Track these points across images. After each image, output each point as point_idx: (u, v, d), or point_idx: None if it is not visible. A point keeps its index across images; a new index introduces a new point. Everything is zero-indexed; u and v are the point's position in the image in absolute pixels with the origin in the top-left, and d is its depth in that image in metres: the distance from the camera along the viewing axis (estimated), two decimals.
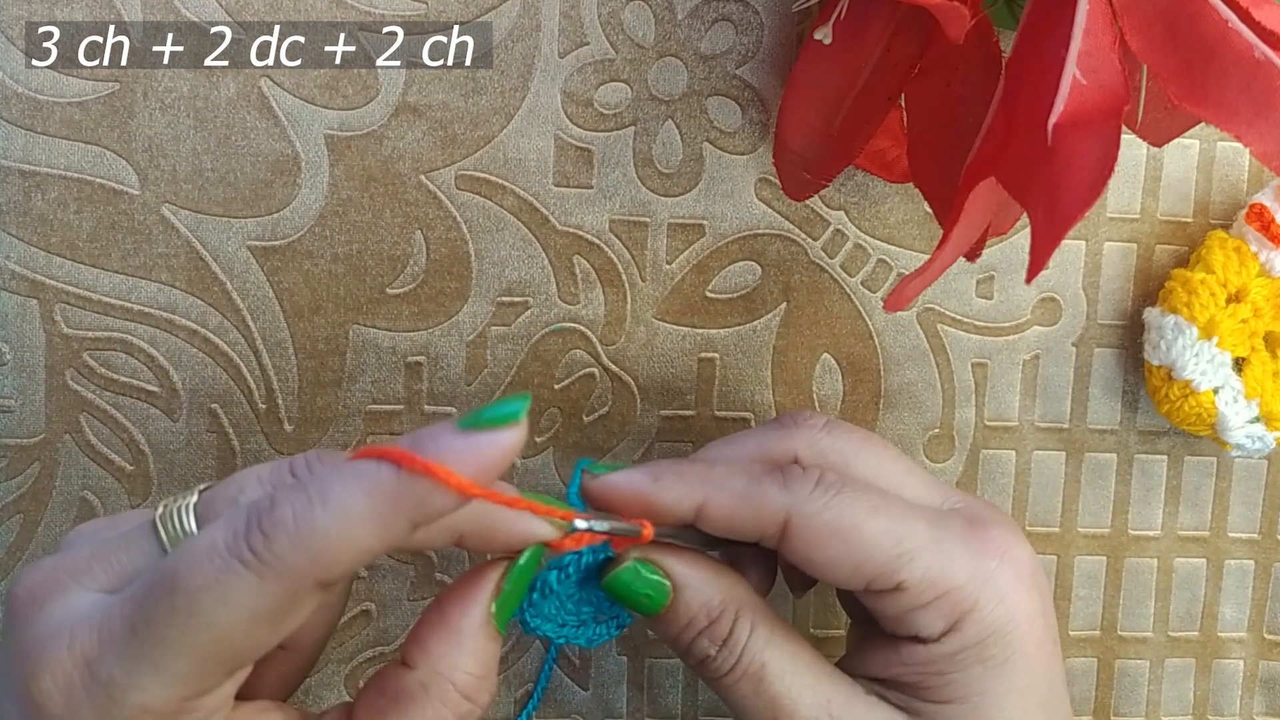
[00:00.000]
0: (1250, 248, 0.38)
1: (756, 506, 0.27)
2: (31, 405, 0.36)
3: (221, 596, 0.21)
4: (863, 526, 0.27)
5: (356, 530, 0.21)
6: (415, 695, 0.24)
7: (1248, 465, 0.41)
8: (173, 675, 0.21)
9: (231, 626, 0.21)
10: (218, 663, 0.22)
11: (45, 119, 0.35)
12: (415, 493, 0.21)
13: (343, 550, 0.21)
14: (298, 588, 0.21)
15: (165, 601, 0.21)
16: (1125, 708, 0.42)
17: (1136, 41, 0.24)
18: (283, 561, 0.21)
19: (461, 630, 0.25)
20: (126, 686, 0.21)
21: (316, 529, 0.21)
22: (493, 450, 0.21)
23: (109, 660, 0.22)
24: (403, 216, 0.36)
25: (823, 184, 0.35)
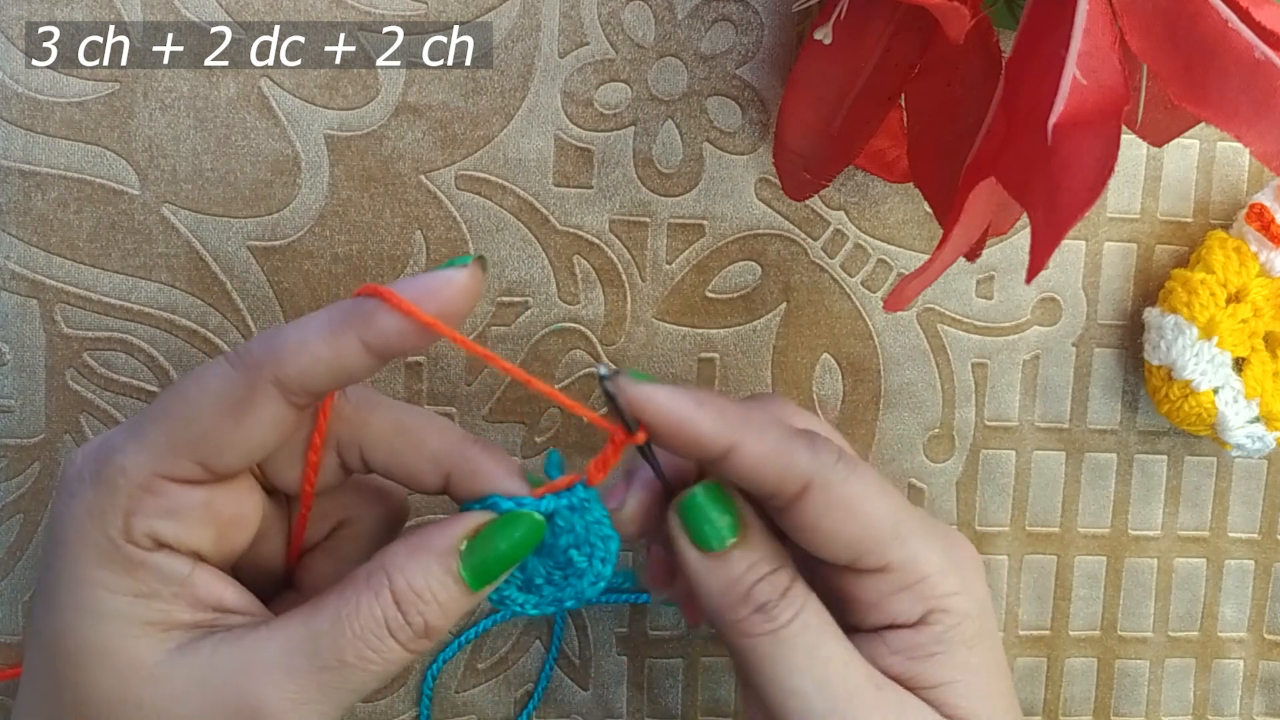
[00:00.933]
0: (1250, 248, 0.38)
1: (785, 463, 0.27)
2: (31, 405, 0.36)
3: (197, 380, 0.26)
4: (871, 504, 0.28)
5: (310, 335, 0.25)
6: (357, 580, 0.26)
7: (1248, 465, 0.41)
8: (148, 443, 0.25)
9: (199, 403, 0.25)
10: (186, 440, 0.25)
11: (45, 119, 0.35)
12: (363, 310, 0.25)
13: (295, 350, 0.25)
14: (256, 377, 0.25)
15: (165, 392, 0.26)
16: (1125, 708, 0.42)
17: (1136, 41, 0.24)
18: (249, 355, 0.25)
19: (422, 544, 0.26)
20: (115, 449, 0.26)
21: (279, 333, 0.25)
22: (438, 282, 0.25)
23: (114, 435, 0.26)
24: (403, 216, 0.36)
25: (823, 184, 0.35)
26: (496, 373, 0.37)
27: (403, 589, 0.26)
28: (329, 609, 0.26)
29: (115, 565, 0.25)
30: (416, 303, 0.25)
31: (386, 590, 0.26)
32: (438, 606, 0.26)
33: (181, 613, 0.26)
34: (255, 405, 0.25)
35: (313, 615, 0.26)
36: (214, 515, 0.26)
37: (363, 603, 0.26)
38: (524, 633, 0.39)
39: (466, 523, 0.27)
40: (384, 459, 0.28)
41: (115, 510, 0.25)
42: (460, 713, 0.39)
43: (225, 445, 0.25)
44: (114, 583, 0.25)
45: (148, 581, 0.25)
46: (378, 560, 0.26)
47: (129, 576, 0.25)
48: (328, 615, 0.25)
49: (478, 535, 0.26)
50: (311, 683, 0.25)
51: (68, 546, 0.25)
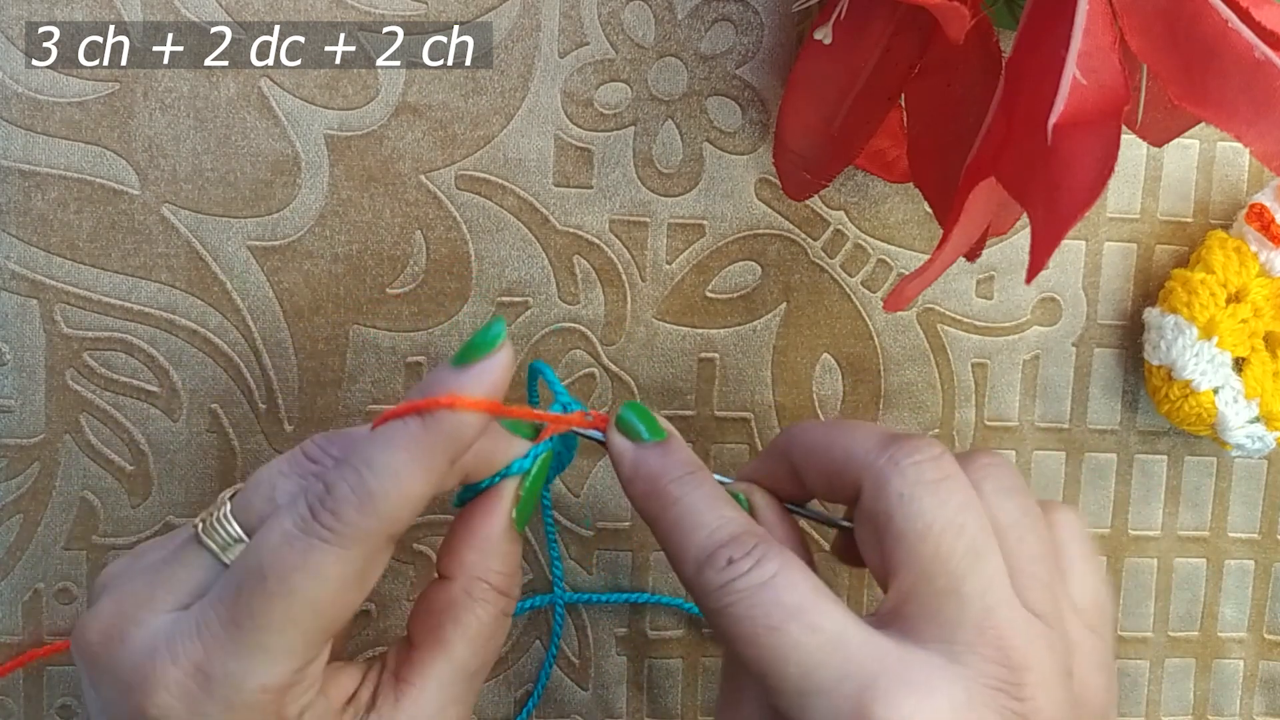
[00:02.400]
0: (1250, 248, 0.38)
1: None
2: (31, 405, 0.36)
3: (312, 571, 0.24)
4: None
5: (407, 482, 0.24)
6: (462, 601, 0.27)
7: (1248, 465, 0.41)
8: (281, 652, 0.24)
9: (325, 596, 0.24)
10: (318, 631, 0.24)
11: (45, 119, 0.35)
12: (445, 430, 0.25)
13: (401, 503, 0.24)
14: (374, 546, 0.24)
15: (259, 590, 0.24)
16: (1125, 708, 0.42)
17: (1136, 41, 0.24)
18: (356, 528, 0.24)
19: (489, 538, 0.28)
20: (244, 674, 0.24)
21: (374, 493, 0.24)
22: (492, 372, 0.25)
23: (218, 658, 0.24)
24: (403, 216, 0.36)
25: (823, 184, 0.35)
26: None
27: (503, 584, 0.28)
28: (456, 636, 0.27)
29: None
30: (487, 397, 0.25)
31: (492, 592, 0.28)
32: (519, 571, 0.29)
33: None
34: (377, 567, 0.25)
35: (447, 650, 0.27)
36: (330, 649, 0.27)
37: (481, 613, 0.28)
38: (524, 633, 0.39)
39: (507, 496, 0.28)
40: None
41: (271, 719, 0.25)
42: None
43: (352, 609, 0.25)
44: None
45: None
46: (465, 576, 0.28)
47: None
48: (459, 642, 0.27)
49: (519, 500, 0.29)
50: (470, 693, 0.28)
51: None
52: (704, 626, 0.39)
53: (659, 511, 0.28)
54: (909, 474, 0.26)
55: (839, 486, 0.28)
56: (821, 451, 0.29)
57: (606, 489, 0.39)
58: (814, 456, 0.29)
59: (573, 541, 0.39)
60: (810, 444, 0.29)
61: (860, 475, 0.27)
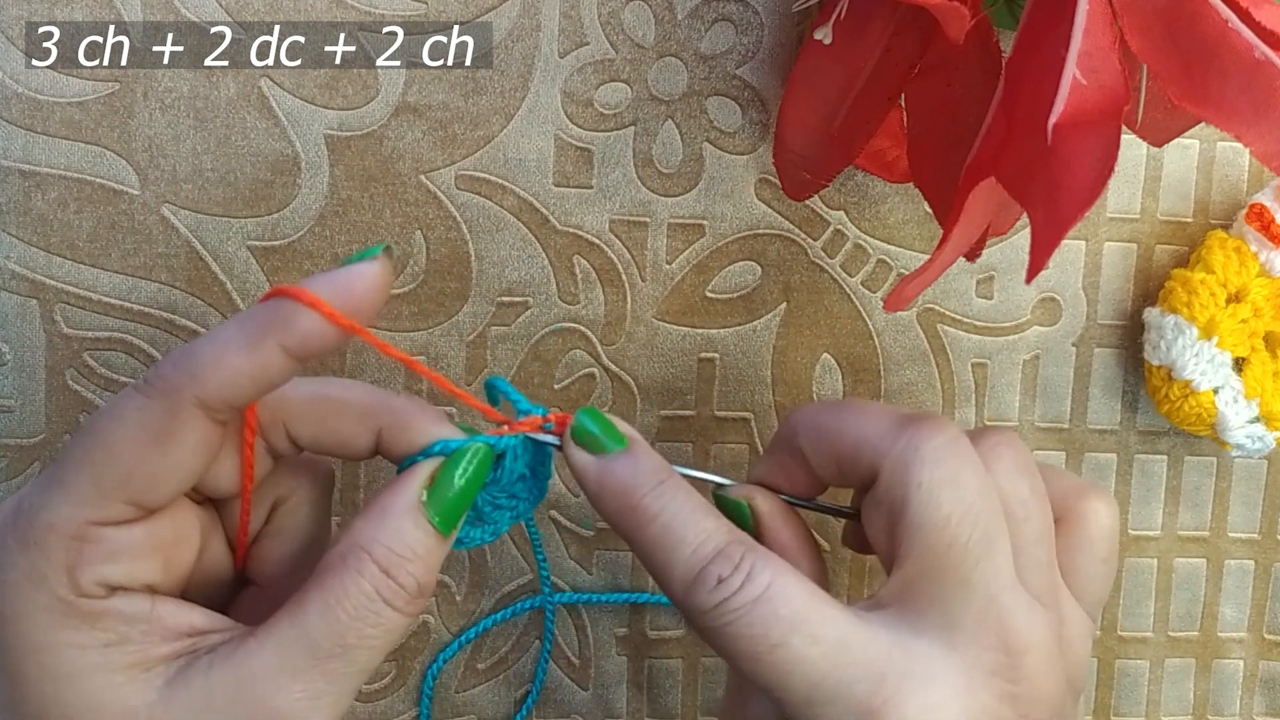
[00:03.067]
0: (1250, 248, 0.38)
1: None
2: (31, 405, 0.36)
3: (113, 415, 0.24)
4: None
5: (228, 349, 0.24)
6: (334, 566, 0.26)
7: (1248, 465, 0.41)
8: (74, 493, 0.24)
9: (121, 441, 0.24)
10: (112, 480, 0.24)
11: (45, 119, 0.35)
12: (279, 314, 0.24)
13: (214, 367, 0.24)
14: (176, 402, 0.24)
15: (77, 434, 0.25)
16: (1125, 708, 0.42)
17: (1136, 41, 0.24)
18: (164, 380, 0.24)
19: (385, 509, 0.26)
20: (38, 507, 0.24)
21: (194, 351, 0.24)
22: (348, 278, 0.25)
23: (30, 494, 0.25)
24: (403, 216, 0.36)
25: (823, 184, 0.35)
26: (496, 372, 0.37)
27: (384, 556, 0.26)
28: (314, 601, 0.25)
29: (75, 622, 0.24)
30: (331, 301, 0.24)
31: (369, 563, 0.25)
32: (421, 561, 0.26)
33: (157, 648, 0.25)
34: (180, 431, 0.24)
35: (298, 612, 0.25)
36: (157, 545, 0.26)
37: (348, 583, 0.25)
38: (524, 633, 0.39)
39: (419, 474, 0.27)
40: (311, 431, 0.28)
41: (56, 569, 0.24)
42: (460, 713, 0.39)
43: (155, 478, 0.25)
44: (79, 639, 0.24)
45: (113, 628, 0.25)
46: (347, 540, 0.26)
47: (93, 629, 0.24)
48: (315, 607, 0.25)
49: (434, 482, 0.27)
50: (318, 676, 0.25)
51: (17, 620, 0.24)
52: None
53: (635, 530, 0.27)
54: (927, 460, 0.26)
55: (851, 472, 0.28)
56: (832, 436, 0.28)
57: None
58: (824, 442, 0.28)
59: (573, 541, 0.39)
60: (818, 428, 0.29)
61: (876, 461, 0.27)
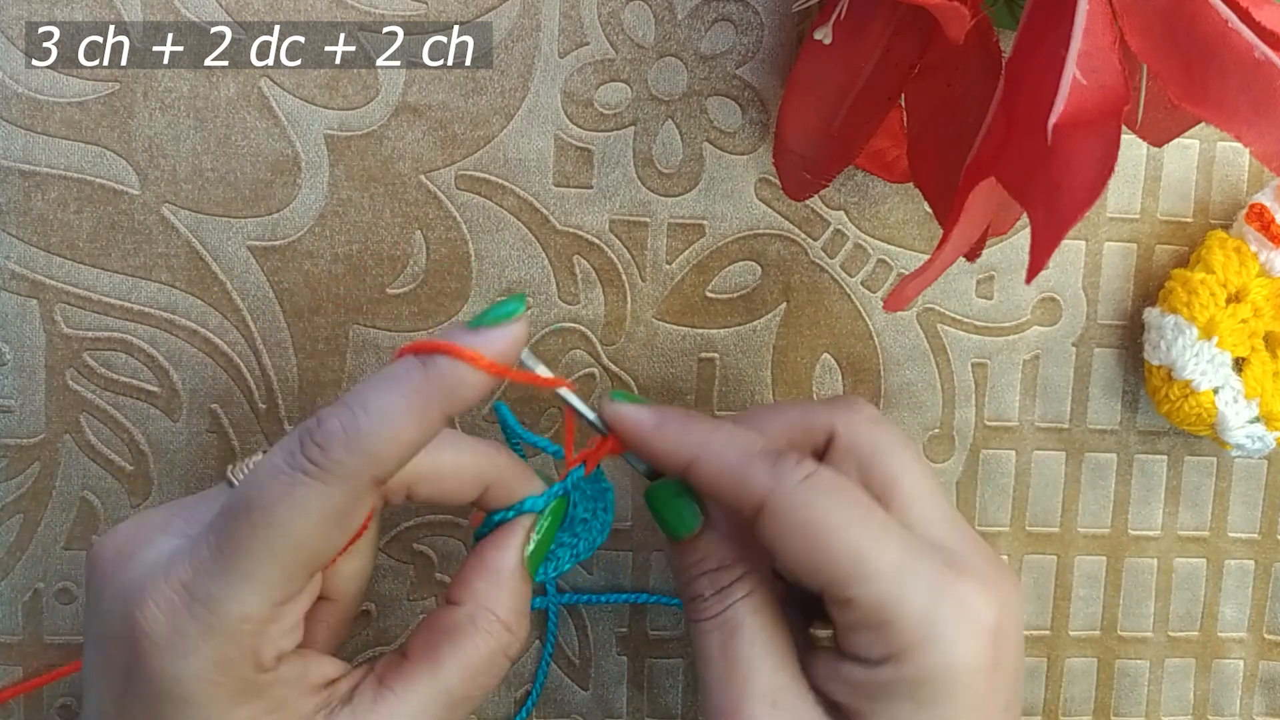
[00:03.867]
0: (1250, 248, 0.38)
1: (738, 481, 0.28)
2: (31, 405, 0.36)
3: (293, 504, 0.24)
4: (831, 532, 0.27)
5: (398, 424, 0.24)
6: (464, 627, 0.28)
7: (1248, 465, 0.41)
8: (261, 583, 0.24)
9: (306, 529, 0.24)
10: (298, 566, 0.25)
11: (45, 119, 0.35)
12: (443, 380, 0.25)
13: (390, 445, 0.24)
14: (357, 486, 0.24)
15: (244, 520, 0.24)
16: (1125, 708, 0.42)
17: (1136, 41, 0.24)
18: (341, 465, 0.24)
19: (501, 570, 0.29)
20: (223, 599, 0.24)
21: (363, 430, 0.24)
22: (504, 338, 0.25)
23: (203, 580, 0.24)
24: (403, 216, 0.36)
25: (823, 184, 0.35)
26: None
27: (509, 618, 0.28)
28: (450, 658, 0.27)
29: (251, 697, 0.25)
30: (494, 359, 0.25)
31: (497, 624, 0.28)
32: (528, 613, 0.29)
33: (306, 704, 0.26)
34: (359, 512, 0.25)
35: (436, 668, 0.27)
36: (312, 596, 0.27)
37: (480, 643, 0.28)
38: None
39: (519, 534, 0.29)
40: (429, 492, 0.29)
41: (246, 655, 0.25)
42: None
43: (333, 549, 0.26)
44: (253, 713, 0.25)
45: (278, 695, 0.26)
46: (472, 603, 0.28)
47: (263, 699, 0.25)
48: (451, 664, 0.27)
49: (533, 540, 0.29)
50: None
51: (202, 703, 0.24)
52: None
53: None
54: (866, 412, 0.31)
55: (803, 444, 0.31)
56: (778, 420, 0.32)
57: None
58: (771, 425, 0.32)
59: None
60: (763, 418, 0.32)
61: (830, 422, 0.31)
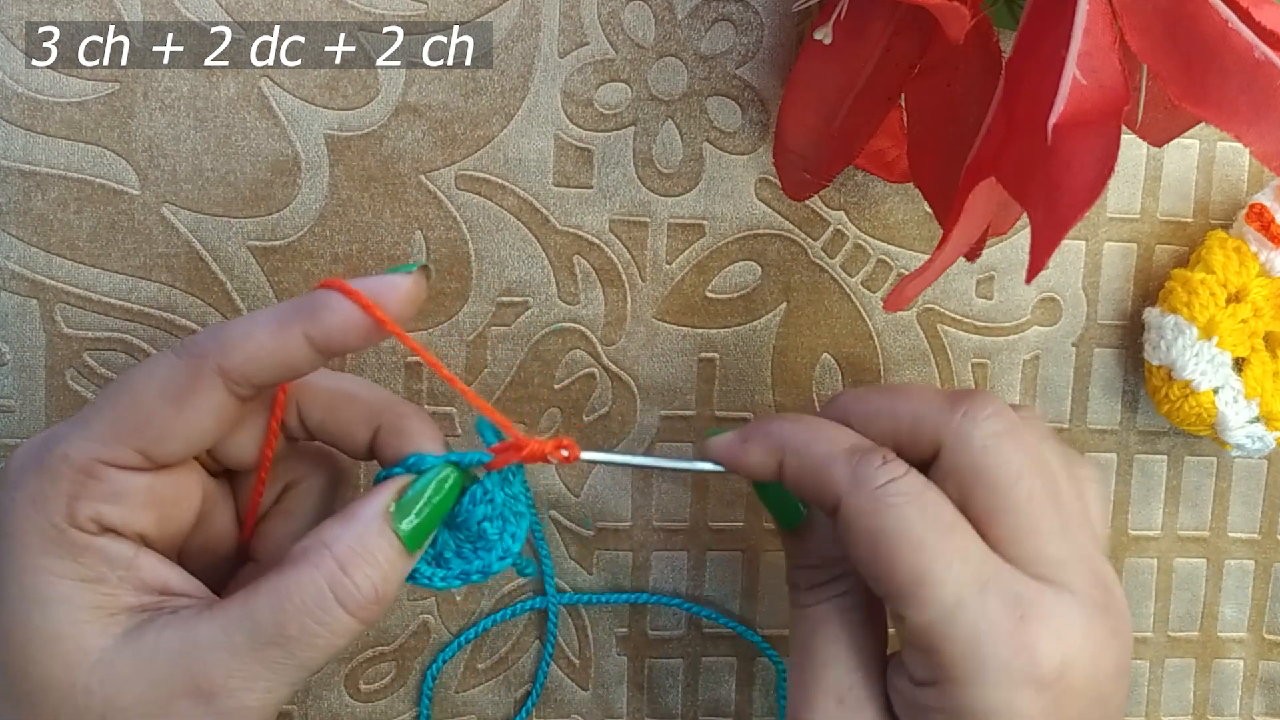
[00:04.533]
0: (1250, 248, 0.38)
1: (819, 480, 0.29)
2: (31, 405, 0.36)
3: (143, 369, 0.26)
4: (897, 547, 0.27)
5: (257, 328, 0.26)
6: (294, 557, 0.27)
7: (1248, 465, 0.41)
8: (91, 430, 0.26)
9: (143, 392, 0.26)
10: (128, 428, 0.26)
11: (45, 119, 0.35)
12: (311, 305, 0.26)
13: (243, 341, 0.26)
14: (200, 366, 0.26)
15: (114, 382, 0.27)
16: (1125, 707, 0.42)
17: (1136, 41, 0.24)
18: (195, 345, 0.26)
19: (352, 514, 0.27)
20: (59, 438, 0.26)
21: (227, 326, 0.26)
22: (385, 287, 0.26)
23: (59, 428, 0.27)
24: (403, 216, 0.36)
25: (823, 184, 0.35)
26: (497, 373, 0.37)
27: (344, 554, 0.26)
28: (267, 587, 0.26)
29: (60, 550, 0.25)
30: (373, 300, 0.26)
31: (329, 559, 0.26)
32: (380, 569, 0.27)
33: (127, 596, 0.26)
34: (198, 394, 0.26)
35: (252, 595, 0.26)
36: (156, 499, 0.27)
37: (304, 576, 0.26)
38: (524, 633, 0.39)
39: (392, 485, 0.28)
40: (319, 417, 0.29)
41: (58, 496, 0.25)
42: (460, 713, 0.39)
43: (167, 433, 0.26)
44: (60, 567, 0.25)
45: (93, 565, 0.26)
46: (313, 536, 0.27)
47: (74, 560, 0.25)
48: (266, 593, 0.26)
49: (404, 495, 0.28)
50: (255, 660, 0.25)
51: (12, 537, 0.26)
52: (704, 627, 0.39)
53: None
54: (988, 425, 0.28)
55: (910, 450, 0.29)
56: (886, 417, 0.30)
57: (606, 489, 0.39)
58: (878, 422, 0.30)
59: (573, 541, 0.39)
60: (872, 411, 0.30)
61: (936, 434, 0.29)
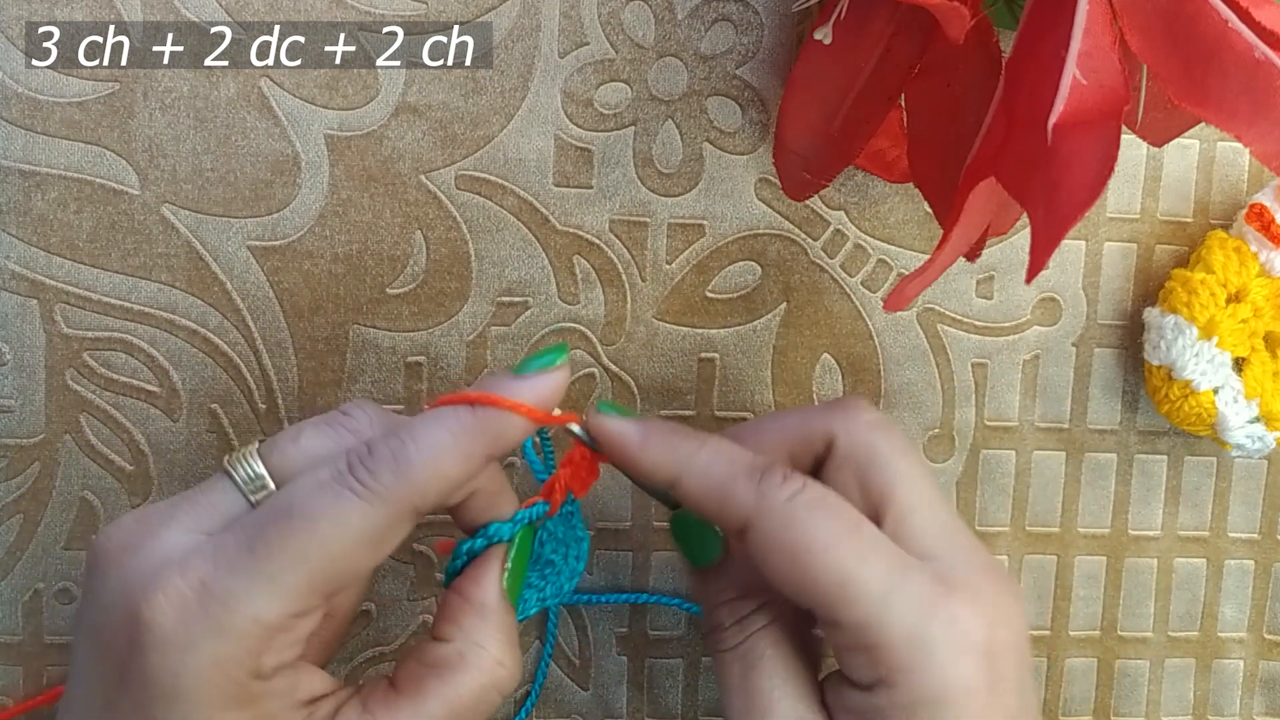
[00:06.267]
0: (1250, 248, 0.38)
1: (723, 499, 0.28)
2: (31, 405, 0.36)
3: (336, 519, 0.25)
4: (815, 554, 0.27)
5: (445, 459, 0.26)
6: (453, 662, 0.27)
7: (1248, 465, 0.41)
8: (284, 590, 0.24)
9: (341, 544, 0.25)
10: (324, 579, 0.25)
11: (45, 119, 0.35)
12: (491, 425, 0.26)
13: (434, 477, 0.25)
14: (398, 511, 0.25)
15: (284, 526, 0.25)
16: (1125, 708, 0.42)
17: (1136, 41, 0.24)
18: (387, 489, 0.25)
19: (485, 604, 0.28)
20: (241, 598, 0.24)
21: (412, 461, 0.25)
22: (546, 385, 0.27)
23: (224, 578, 0.24)
24: (403, 216, 0.36)
25: (823, 184, 0.35)
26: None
27: (499, 650, 0.28)
28: (435, 693, 0.27)
29: (242, 703, 0.25)
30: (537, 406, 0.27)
31: (488, 658, 0.27)
32: (516, 644, 0.29)
33: (291, 718, 0.26)
34: (395, 537, 0.26)
35: (420, 701, 0.27)
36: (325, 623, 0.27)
37: (470, 679, 0.27)
38: (523, 633, 0.39)
39: (496, 563, 0.29)
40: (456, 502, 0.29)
41: (249, 657, 0.24)
42: None
43: (360, 572, 0.26)
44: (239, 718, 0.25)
45: (268, 705, 0.25)
46: (461, 638, 0.28)
47: (253, 707, 0.25)
48: (436, 699, 0.27)
49: (504, 569, 0.29)
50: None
51: (192, 701, 0.24)
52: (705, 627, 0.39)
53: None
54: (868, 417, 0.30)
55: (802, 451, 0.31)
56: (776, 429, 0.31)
57: (606, 489, 0.39)
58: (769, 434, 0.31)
59: None
60: (760, 428, 0.31)
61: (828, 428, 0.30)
